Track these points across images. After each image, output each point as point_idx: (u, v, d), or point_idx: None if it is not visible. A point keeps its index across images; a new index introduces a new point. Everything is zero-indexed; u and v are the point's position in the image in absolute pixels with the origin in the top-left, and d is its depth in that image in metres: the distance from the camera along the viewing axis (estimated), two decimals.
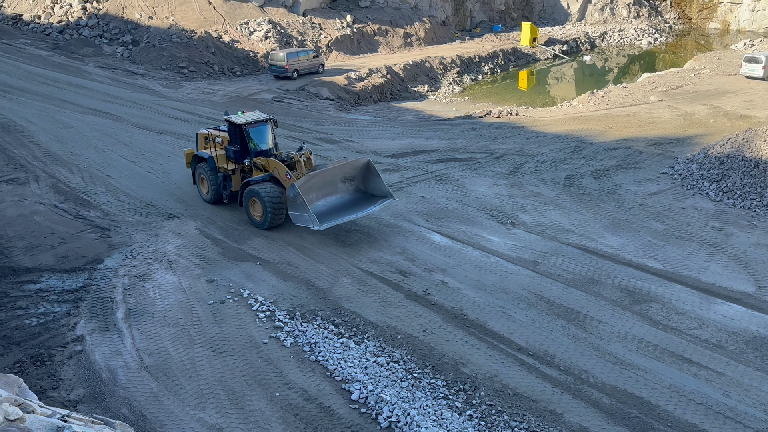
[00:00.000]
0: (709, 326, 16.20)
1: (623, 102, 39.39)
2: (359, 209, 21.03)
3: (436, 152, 30.51)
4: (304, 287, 18.15)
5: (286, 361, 14.84)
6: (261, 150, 22.21)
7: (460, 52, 54.38)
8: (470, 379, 14.25)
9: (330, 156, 29.58)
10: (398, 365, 14.70)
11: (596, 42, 65.27)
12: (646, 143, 31.07)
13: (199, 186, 23.88)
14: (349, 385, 13.91)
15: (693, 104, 37.99)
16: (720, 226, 21.99)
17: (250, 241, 20.97)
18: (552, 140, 32.11)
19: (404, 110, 40.49)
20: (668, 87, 42.83)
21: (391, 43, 56.31)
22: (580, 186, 25.89)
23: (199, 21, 49.60)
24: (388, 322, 16.41)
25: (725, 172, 24.79)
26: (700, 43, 67.93)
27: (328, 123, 35.75)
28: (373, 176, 21.71)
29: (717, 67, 48.37)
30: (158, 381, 14.16)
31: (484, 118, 37.08)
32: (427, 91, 46.45)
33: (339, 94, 42.07)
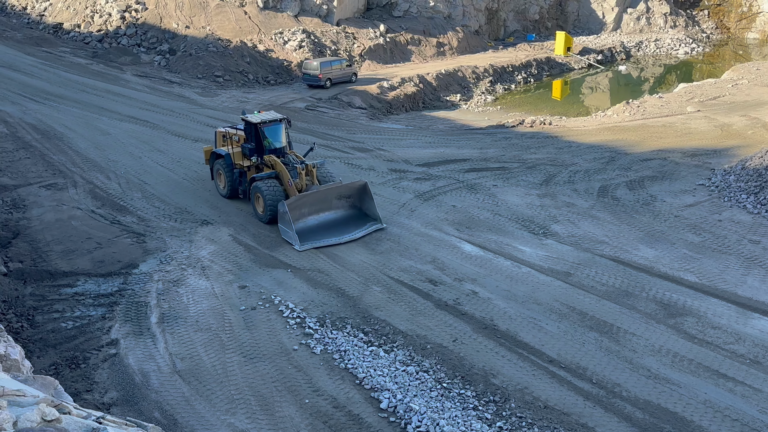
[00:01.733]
0: (745, 341, 15.83)
1: (659, 112, 38.84)
2: (346, 231, 21.75)
3: (467, 161, 30.42)
4: (334, 295, 18.22)
5: (315, 368, 14.89)
6: (274, 148, 23.40)
7: (493, 61, 54.23)
8: (500, 390, 14.13)
9: (360, 164, 29.71)
10: (428, 375, 14.65)
11: (632, 51, 64.52)
12: (683, 154, 30.57)
13: (216, 181, 25.38)
14: (378, 394, 13.90)
15: (730, 115, 37.28)
16: (758, 239, 21.51)
17: (281, 248, 21.13)
18: (586, 150, 31.78)
19: (436, 119, 40.48)
20: (705, 97, 42.11)
21: (424, 53, 56.39)
22: (615, 197, 25.57)
23: (234, 30, 50.31)
24: (418, 331, 16.37)
25: (763, 185, 24.26)
26: (738, 53, 66.68)
27: (360, 132, 35.90)
28: (368, 199, 22.69)
29: (755, 78, 47.41)
30: (190, 385, 14.32)
31: (516, 128, 36.88)
32: (459, 100, 46.39)
33: (371, 102, 42.25)
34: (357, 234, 21.60)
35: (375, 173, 28.77)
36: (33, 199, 24.54)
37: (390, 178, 28.11)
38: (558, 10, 71.31)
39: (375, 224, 22.34)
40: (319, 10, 54.30)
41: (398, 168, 29.52)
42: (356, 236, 21.50)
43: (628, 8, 71.62)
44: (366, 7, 59.81)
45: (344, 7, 55.88)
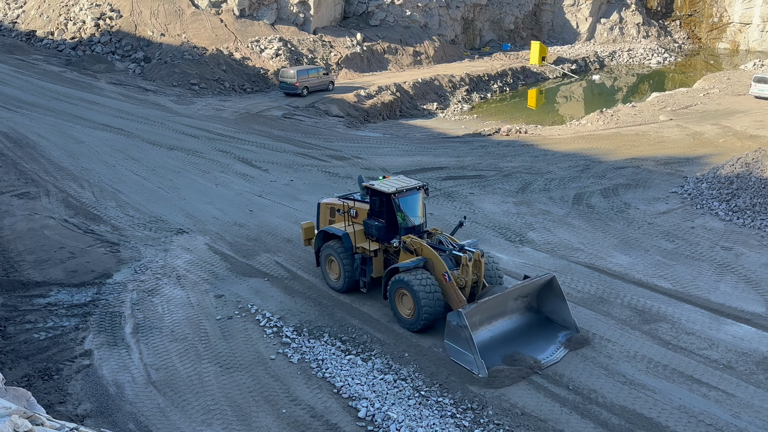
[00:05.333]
0: (719, 346, 16.05)
1: (632, 121, 39.40)
2: (533, 346, 15.85)
3: (444, 169, 30.56)
4: (311, 303, 18.14)
5: (293, 378, 14.80)
6: (411, 226, 17.63)
7: (469, 70, 54.63)
8: (478, 397, 14.15)
9: (338, 173, 29.67)
10: (405, 383, 14.63)
11: (605, 61, 65.43)
12: (656, 162, 31.02)
13: (325, 270, 18.94)
14: (356, 403, 13.84)
15: (702, 124, 37.95)
16: (730, 245, 21.87)
17: (258, 257, 21.01)
18: (561, 158, 32.11)
19: (413, 127, 40.63)
20: (677, 106, 42.82)
21: (401, 61, 56.63)
22: (589, 204, 25.84)
23: (210, 38, 50.10)
24: (396, 339, 16.36)
25: (735, 192, 24.70)
26: (710, 63, 67.96)
27: (337, 140, 35.91)
28: (556, 298, 16.66)
29: (726, 87, 48.35)
30: (165, 396, 14.14)
31: (492, 136, 37.15)
32: (436, 108, 46.63)
33: (348, 111, 42.30)
34: (557, 355, 15.61)
35: (353, 181, 28.75)
36: (5, 208, 24.14)
37: None
38: (533, 20, 72.11)
39: (569, 333, 16.34)
40: (296, 18, 54.31)
41: (376, 176, 29.47)
42: (557, 358, 15.51)
43: (601, 18, 72.67)
44: (343, 15, 59.97)
45: (321, 15, 55.95)
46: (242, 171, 29.85)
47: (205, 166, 30.34)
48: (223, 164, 30.69)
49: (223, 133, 35.74)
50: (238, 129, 36.89)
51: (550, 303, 16.67)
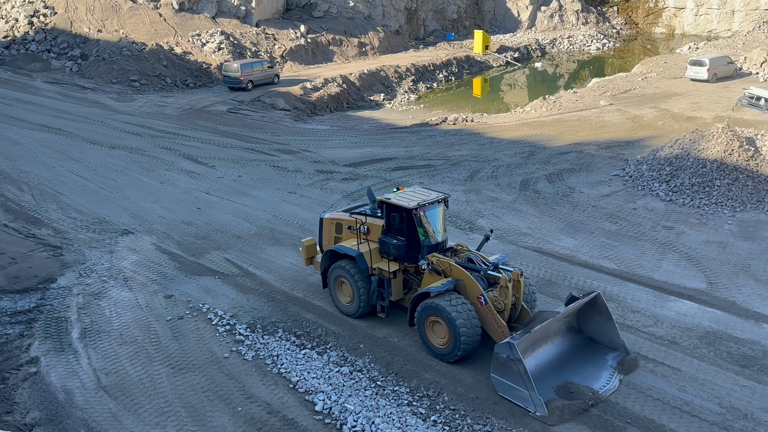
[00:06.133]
0: (663, 323, 16.60)
1: (574, 107, 40.22)
2: (585, 374, 14.29)
3: (393, 160, 30.66)
4: (264, 299, 18.00)
5: (247, 375, 14.68)
6: (435, 243, 16.02)
7: (414, 60, 54.80)
8: (433, 384, 14.31)
9: (286, 167, 29.44)
10: (361, 374, 14.68)
11: (547, 48, 66.51)
12: (598, 146, 31.76)
13: (335, 293, 17.17)
14: (313, 396, 13.83)
15: (641, 107, 39.00)
16: (671, 225, 22.59)
17: (208, 255, 20.72)
18: (507, 146, 32.57)
19: (361, 119, 40.59)
20: (617, 91, 43.89)
21: (346, 53, 56.43)
22: (536, 190, 26.31)
23: (149, 33, 48.92)
24: (350, 331, 16.38)
25: (674, 173, 25.50)
26: (647, 47, 69.82)
27: (284, 133, 35.60)
28: (600, 317, 15.03)
29: (663, 71, 49.77)
30: (116, 400, 13.85)
31: (440, 126, 37.41)
32: (383, 99, 46.65)
33: (295, 104, 41.96)
34: (613, 383, 14.12)
35: (302, 175, 28.61)
36: None
37: (317, 180, 28.01)
38: (475, 10, 72.73)
39: (619, 355, 14.88)
40: (237, 11, 53.49)
41: (325, 169, 29.44)
42: (614, 386, 14.03)
43: (541, 6, 73.79)
44: (285, 7, 59.36)
45: (263, 8, 55.24)
46: (188, 168, 29.34)
47: (149, 164, 29.70)
48: (168, 162, 30.09)
49: (167, 130, 35.01)
50: (181, 125, 36.20)
51: (594, 322, 15.07)
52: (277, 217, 23.96)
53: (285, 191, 26.60)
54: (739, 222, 22.58)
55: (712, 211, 23.38)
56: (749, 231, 21.89)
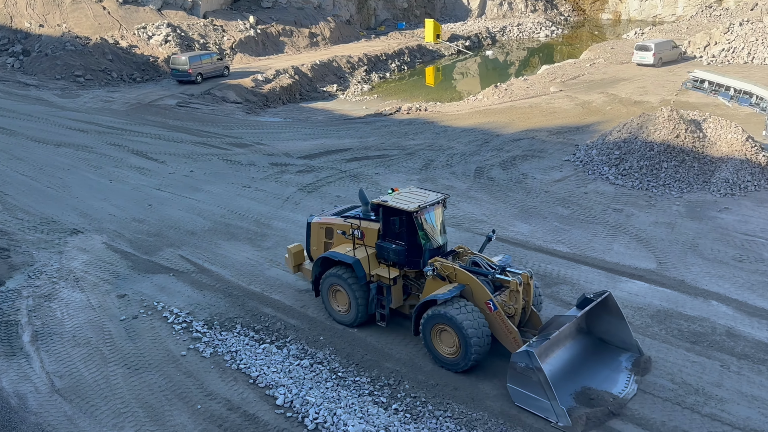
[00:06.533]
0: None
1: (525, 94, 40.71)
2: (601, 378, 13.74)
3: (348, 151, 30.58)
4: (221, 295, 17.79)
5: (206, 373, 14.50)
6: (437, 247, 15.35)
7: (366, 50, 54.66)
8: (394, 373, 14.37)
9: (240, 160, 29.06)
10: (322, 366, 14.65)
11: (497, 36, 67.10)
12: (549, 132, 32.24)
13: (329, 302, 16.33)
14: (274, 391, 13.75)
15: (590, 93, 39.71)
16: (621, 207, 23.11)
17: (161, 253, 20.35)
18: (461, 134, 32.80)
19: (314, 110, 40.34)
20: (566, 77, 44.59)
21: (297, 44, 55.94)
22: (490, 177, 26.58)
23: (93, 27, 47.62)
24: (310, 324, 16.32)
25: (623, 156, 26.06)
26: (594, 33, 71.06)
27: (237, 127, 35.15)
28: (611, 317, 14.47)
29: (611, 56, 50.73)
30: (72, 404, 13.53)
31: (394, 115, 37.44)
32: (336, 90, 46.45)
33: (246, 96, 41.43)
34: (632, 386, 13.55)
35: (256, 168, 28.31)
36: None
37: (272, 173, 27.75)
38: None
39: (632, 356, 14.36)
40: (184, 2, 52.47)
41: (279, 161, 29.18)
42: (634, 390, 13.47)
43: None
44: None
45: None
46: (137, 164, 28.72)
47: (97, 161, 28.97)
48: (117, 158, 29.40)
49: (114, 126, 34.20)
50: (129, 120, 35.39)
51: (605, 323, 14.50)
52: (232, 211, 23.67)
53: (239, 185, 26.28)
54: (686, 203, 23.24)
55: (660, 193, 24.00)
56: (696, 211, 22.54)
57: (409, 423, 12.80)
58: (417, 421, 12.86)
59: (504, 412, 13.06)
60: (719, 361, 14.44)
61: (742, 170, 24.68)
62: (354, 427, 12.43)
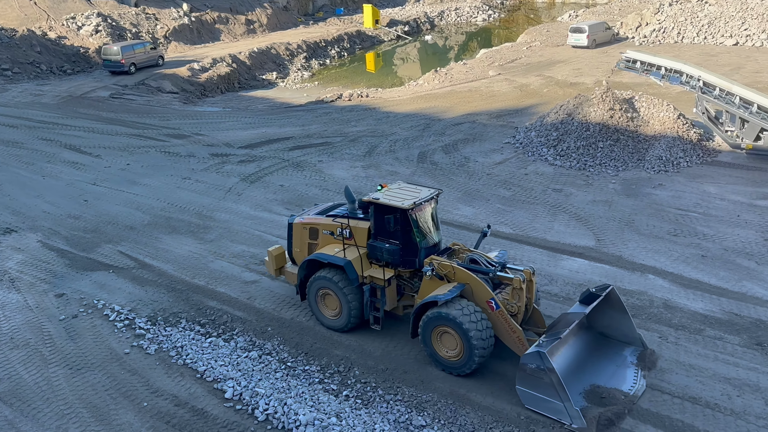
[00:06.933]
0: (558, 281, 17.40)
1: (465, 78, 41.07)
2: (608, 375, 13.36)
3: (290, 139, 30.30)
4: (164, 290, 17.43)
5: (151, 369, 14.22)
6: (433, 244, 14.87)
7: (305, 37, 54.10)
8: (344, 360, 14.39)
9: (179, 152, 28.44)
10: (271, 357, 14.56)
11: (435, 21, 67.38)
12: (489, 116, 32.65)
13: (317, 307, 15.56)
14: (222, 384, 13.59)
15: (528, 76, 40.35)
16: (560, 187, 23.64)
17: (99, 249, 19.79)
18: (403, 119, 32.88)
19: (254, 99, 39.76)
20: (504, 61, 45.17)
21: (234, 31, 54.93)
22: (433, 161, 26.77)
23: (19, 18, 45.66)
24: (257, 315, 16.18)
25: (561, 137, 26.63)
26: (530, 17, 72.14)
27: (174, 117, 34.36)
28: (613, 311, 14.07)
29: (546, 39, 51.61)
30: (12, 407, 13.08)
31: (335, 102, 37.25)
32: (276, 78, 45.88)
33: (183, 86, 40.50)
34: (641, 382, 13.20)
35: (195, 159, 27.77)
36: None
37: (212, 163, 27.28)
38: None
39: (635, 350, 14.03)
40: None
41: (220, 152, 28.70)
42: (643, 386, 13.11)
43: None
44: None
45: None
46: (71, 159, 27.78)
47: (28, 157, 27.89)
48: (49, 153, 28.37)
49: (45, 120, 32.95)
50: (61, 114, 34.15)
51: (606, 317, 14.07)
52: (172, 204, 23.18)
53: (178, 177, 25.75)
54: (622, 180, 23.93)
55: (597, 172, 24.64)
56: (632, 188, 23.25)
57: (360, 408, 12.87)
58: (368, 406, 12.93)
59: (453, 392, 13.25)
60: (657, 333, 14.97)
61: (675, 147, 25.56)
62: (305, 416, 12.42)
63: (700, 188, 23.08)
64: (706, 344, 14.34)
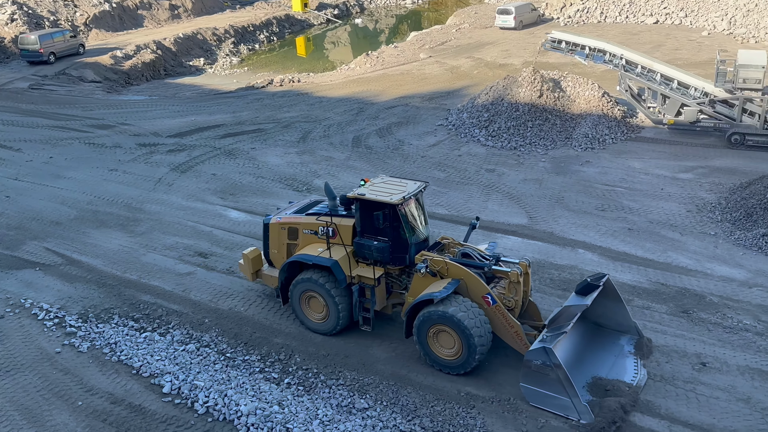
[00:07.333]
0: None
1: (396, 61, 41.10)
2: (609, 366, 13.15)
3: (221, 127, 29.72)
4: (95, 287, 16.91)
5: (85, 368, 13.80)
6: (423, 239, 14.47)
7: (232, 21, 52.92)
8: (284, 348, 14.32)
9: (104, 143, 27.48)
10: (209, 349, 14.34)
11: (365, 4, 67.00)
12: (421, 99, 32.83)
13: (301, 311, 14.82)
14: (159, 379, 13.32)
15: (458, 58, 40.71)
16: (492, 167, 24.04)
17: (24, 246, 19.00)
18: (336, 104, 32.71)
19: (182, 86, 38.74)
20: (435, 43, 45.41)
21: (157, 17, 53.27)
22: (368, 146, 26.77)
23: None
24: (193, 308, 15.89)
25: (491, 118, 27.04)
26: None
27: (98, 107, 33.17)
28: (608, 300, 13.76)
29: (475, 21, 52.10)
30: None
31: (266, 88, 36.70)
32: (203, 64, 44.76)
33: (106, 75, 39.06)
34: (642, 371, 13.01)
35: (122, 150, 26.93)
36: None
37: (140, 154, 26.51)
38: None
39: (632, 338, 13.81)
40: None
41: (147, 142, 27.90)
42: (645, 375, 12.93)
43: None
44: None
45: None
46: None
47: None
48: None
49: None
50: None
51: (601, 306, 13.66)
52: (99, 197, 22.45)
53: (105, 169, 24.93)
54: (551, 159, 24.53)
55: (527, 152, 25.17)
56: (561, 166, 23.86)
57: (302, 395, 12.85)
58: (310, 393, 12.93)
59: (395, 373, 13.39)
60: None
61: (600, 125, 26.35)
62: (246, 406, 12.31)
63: (625, 164, 23.89)
64: (635, 314, 14.88)
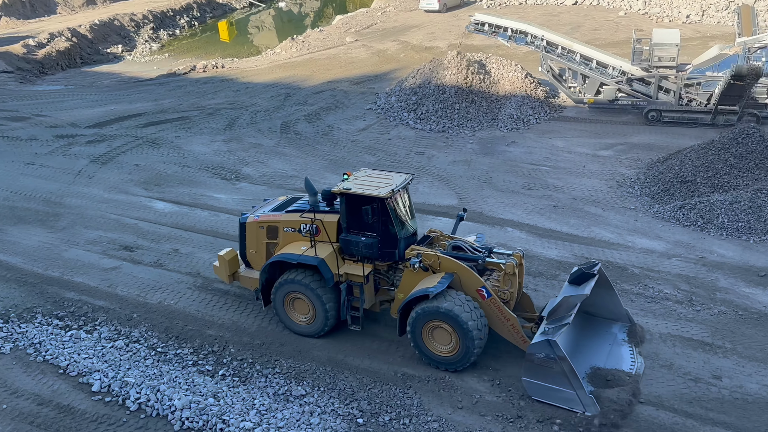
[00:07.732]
0: None
1: (323, 45, 40.76)
2: (605, 354, 12.93)
3: (143, 116, 28.82)
4: (14, 285, 16.18)
5: (8, 370, 13.22)
6: (412, 233, 14.04)
7: (150, 6, 51.19)
8: (218, 339, 14.11)
9: (19, 135, 26.21)
10: (139, 344, 13.97)
11: None
12: (349, 83, 32.70)
13: (285, 313, 14.13)
14: (88, 378, 12.89)
15: (384, 41, 40.71)
16: (422, 150, 24.24)
17: None
18: (262, 90, 32.20)
19: (99, 74, 37.30)
20: (360, 27, 45.25)
21: (71, 3, 51.04)
22: (296, 131, 26.51)
23: None
24: (120, 303, 15.44)
25: (419, 101, 27.21)
26: None
27: (11, 99, 31.60)
28: (600, 288, 13.31)
29: (400, 4, 52.14)
30: None
31: (189, 74, 35.76)
32: (122, 51, 43.17)
33: (18, 64, 37.18)
34: (639, 359, 12.81)
35: (38, 143, 25.77)
36: None
37: (57, 146, 25.43)
38: None
39: (624, 326, 13.62)
40: None
41: (65, 133, 26.79)
42: (642, 364, 12.76)
43: None
44: None
45: None
46: None
47: None
48: None
49: None
50: None
51: (592, 294, 12.86)
52: (16, 192, 21.45)
53: (20, 163, 23.81)
54: (478, 140, 24.92)
55: (455, 133, 25.48)
56: (488, 147, 24.28)
57: (237, 386, 12.70)
58: (246, 383, 12.80)
59: (331, 359, 13.40)
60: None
61: (524, 105, 26.92)
62: (180, 401, 12.07)
63: (548, 143, 24.52)
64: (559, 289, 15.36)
